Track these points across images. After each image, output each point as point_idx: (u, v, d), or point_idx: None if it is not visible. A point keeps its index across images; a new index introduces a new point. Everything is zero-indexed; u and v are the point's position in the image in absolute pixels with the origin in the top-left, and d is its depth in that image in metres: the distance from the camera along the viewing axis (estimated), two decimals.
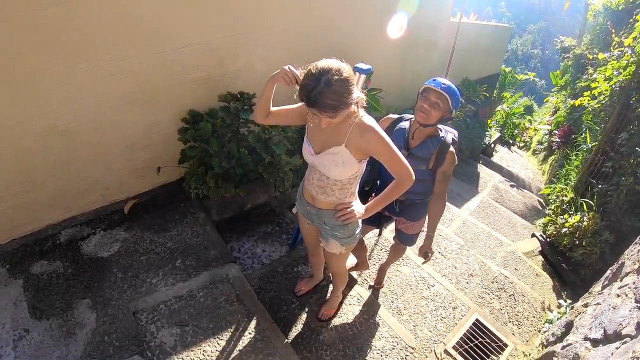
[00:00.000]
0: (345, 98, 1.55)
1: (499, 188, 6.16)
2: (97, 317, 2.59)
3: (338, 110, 1.55)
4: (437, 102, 2.14)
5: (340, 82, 1.51)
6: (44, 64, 2.55)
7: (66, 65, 2.64)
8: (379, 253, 3.54)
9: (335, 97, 1.51)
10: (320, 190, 1.96)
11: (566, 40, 9.70)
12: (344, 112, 1.61)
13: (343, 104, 1.55)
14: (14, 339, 2.45)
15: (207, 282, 2.78)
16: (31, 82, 2.56)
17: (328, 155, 1.82)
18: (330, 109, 1.53)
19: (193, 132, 2.97)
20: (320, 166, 1.87)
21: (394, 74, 5.41)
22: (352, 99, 1.58)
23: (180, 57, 3.09)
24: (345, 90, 1.53)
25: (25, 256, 2.99)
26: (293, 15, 3.68)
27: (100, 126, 3.00)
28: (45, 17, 2.42)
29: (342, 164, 1.80)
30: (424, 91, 2.20)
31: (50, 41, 2.51)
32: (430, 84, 2.16)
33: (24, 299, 2.70)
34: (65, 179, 3.06)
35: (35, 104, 2.66)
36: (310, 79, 1.52)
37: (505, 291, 3.55)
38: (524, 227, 5.17)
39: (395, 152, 1.74)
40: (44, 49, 2.51)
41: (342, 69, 1.55)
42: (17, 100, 2.57)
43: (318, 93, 1.50)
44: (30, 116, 2.67)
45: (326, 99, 1.51)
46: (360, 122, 1.72)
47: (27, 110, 2.64)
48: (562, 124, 7.73)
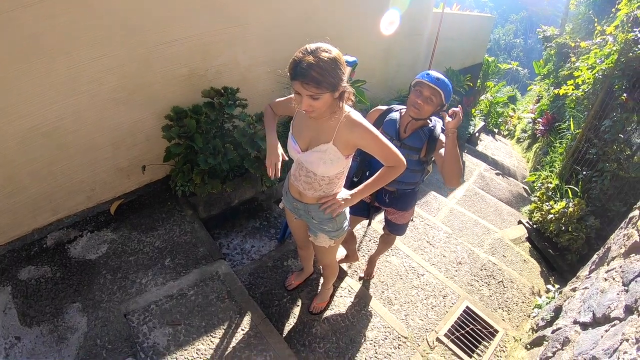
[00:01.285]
0: (331, 77, 1.53)
1: (485, 176, 6.22)
2: (89, 321, 2.56)
3: (321, 86, 1.52)
4: (430, 97, 2.15)
5: (329, 59, 1.51)
6: (22, 65, 2.51)
7: (45, 65, 2.59)
8: (368, 244, 3.55)
9: (321, 71, 1.50)
10: (307, 187, 1.95)
11: (548, 30, 9.78)
12: (327, 95, 1.57)
13: (328, 83, 1.52)
14: (5, 348, 2.41)
15: (197, 280, 2.76)
16: (10, 84, 2.52)
17: (315, 153, 1.80)
18: (314, 82, 1.50)
19: (177, 129, 2.94)
20: (307, 164, 1.86)
21: (378, 65, 5.42)
22: (338, 83, 1.57)
23: (161, 53, 3.05)
24: (332, 69, 1.52)
25: (12, 262, 2.93)
26: (275, 7, 3.65)
27: (83, 126, 2.95)
28: (20, 17, 2.37)
29: (329, 161, 1.79)
30: (416, 85, 2.21)
31: (28, 42, 2.47)
32: (423, 79, 2.16)
33: (13, 305, 2.65)
34: (49, 181, 3.02)
35: (16, 106, 2.61)
36: (301, 52, 1.53)
37: (494, 278, 3.59)
38: (510, 215, 5.23)
39: (385, 143, 1.74)
40: (21, 50, 2.46)
41: (333, 50, 1.55)
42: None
43: (305, 64, 1.49)
44: (12, 118, 2.62)
45: (312, 70, 1.49)
46: (348, 118, 1.71)
47: (7, 113, 2.59)
48: (545, 112, 7.81)
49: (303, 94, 1.55)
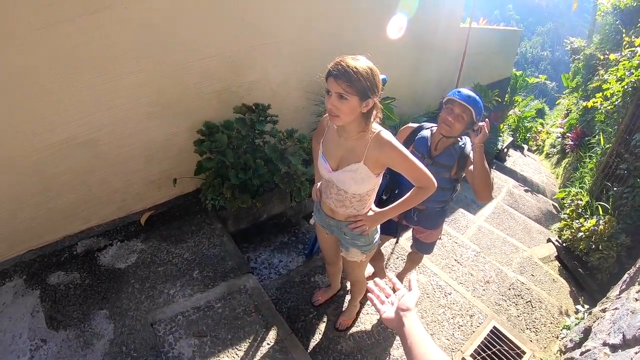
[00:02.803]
0: (364, 82, 1.54)
1: (513, 193, 6.12)
2: (115, 328, 2.59)
3: (352, 85, 1.53)
4: (461, 114, 2.15)
5: (367, 67, 1.55)
6: (61, 77, 2.59)
7: (83, 79, 2.68)
8: (396, 262, 3.52)
9: (357, 72, 1.52)
10: (339, 204, 1.96)
11: (576, 42, 9.63)
12: (354, 100, 1.58)
13: (359, 85, 1.54)
14: (30, 349, 2.46)
15: (224, 293, 2.78)
16: (50, 95, 2.60)
17: (346, 173, 1.81)
18: (347, 78, 1.53)
19: (209, 144, 2.99)
20: (338, 182, 1.87)
21: (406, 82, 5.40)
22: (369, 92, 1.58)
23: (195, 69, 3.12)
24: (366, 75, 1.54)
25: (43, 267, 3.00)
26: (304, 25, 3.70)
27: (118, 138, 3.03)
28: (61, 31, 2.46)
29: (360, 180, 1.80)
30: (447, 102, 2.21)
31: (67, 55, 2.55)
32: (454, 96, 2.16)
33: (41, 309, 2.71)
34: (83, 190, 3.09)
35: (54, 116, 2.69)
36: (342, 56, 1.59)
37: (522, 298, 3.51)
38: (539, 233, 5.12)
39: (414, 162, 1.73)
40: (61, 63, 2.55)
41: (371, 63, 1.60)
42: (36, 112, 2.61)
43: (343, 63, 1.54)
44: (49, 128, 2.71)
45: (347, 68, 1.53)
46: (378, 137, 1.71)
47: (46, 122, 2.68)
48: (574, 127, 7.66)
49: (333, 92, 1.58)
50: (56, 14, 2.41)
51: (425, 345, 0.97)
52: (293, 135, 3.26)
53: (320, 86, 3.92)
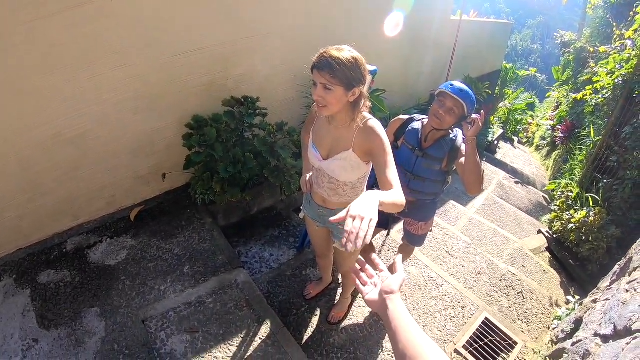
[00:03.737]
0: (348, 72, 1.54)
1: (504, 185, 6.15)
2: (107, 326, 2.58)
3: (336, 76, 1.53)
4: (452, 108, 2.14)
5: (350, 57, 1.54)
6: (46, 74, 2.55)
7: (68, 74, 2.64)
8: (387, 254, 3.53)
9: (339, 62, 1.52)
10: (332, 193, 1.96)
11: (566, 35, 9.67)
12: (339, 89, 1.57)
13: (343, 75, 1.54)
14: (22, 349, 2.44)
15: (216, 288, 2.77)
16: (35, 92, 2.56)
17: (337, 161, 1.82)
18: (330, 69, 1.52)
19: (198, 138, 2.96)
20: (329, 171, 1.87)
21: (397, 73, 5.39)
22: (354, 82, 1.57)
23: (182, 62, 3.09)
24: (350, 65, 1.53)
25: (32, 266, 2.97)
26: (294, 18, 3.67)
27: (105, 133, 2.99)
28: (43, 27, 2.42)
29: (350, 168, 1.81)
30: (439, 95, 2.20)
31: (51, 51, 2.51)
32: (447, 89, 2.15)
33: (32, 308, 2.68)
34: (71, 187, 3.06)
35: (40, 113, 2.65)
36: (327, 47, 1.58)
37: (513, 289, 3.53)
38: (530, 224, 5.15)
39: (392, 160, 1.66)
40: (45, 60, 2.51)
41: (356, 53, 1.59)
42: (21, 110, 2.57)
43: (327, 55, 1.54)
44: (35, 125, 2.67)
45: (330, 59, 1.53)
46: (366, 124, 1.72)
47: (31, 120, 2.64)
48: (564, 119, 7.71)
49: (318, 82, 1.58)
50: (40, 8, 2.36)
51: (410, 330, 0.95)
52: (283, 128, 3.24)
53: (308, 78, 3.89)
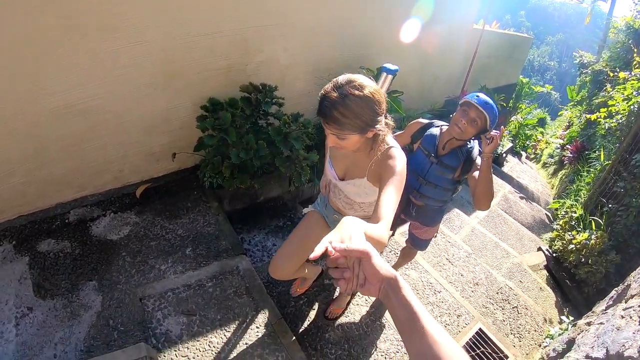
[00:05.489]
0: (358, 119, 1.36)
1: (509, 199, 6.13)
2: (103, 300, 2.58)
3: (344, 129, 1.37)
4: (475, 119, 2.13)
5: (359, 98, 1.34)
6: (63, 41, 2.53)
7: (85, 44, 2.61)
8: (389, 255, 3.52)
9: (345, 112, 1.34)
10: (347, 207, 1.93)
11: (585, 56, 9.62)
12: (354, 136, 1.42)
13: (353, 125, 1.37)
14: (16, 317, 2.44)
15: (216, 273, 2.76)
16: (47, 59, 2.54)
17: (351, 186, 1.77)
18: (336, 123, 1.36)
19: (212, 121, 2.95)
20: (345, 191, 1.83)
21: (415, 77, 5.36)
22: (369, 124, 1.40)
23: (202, 44, 3.06)
24: (360, 109, 1.35)
25: (33, 233, 2.97)
26: (317, 10, 3.64)
27: (118, 108, 2.97)
28: None
29: (364, 194, 1.75)
30: (464, 104, 2.19)
31: (73, 19, 2.48)
32: (472, 99, 2.13)
33: (29, 276, 2.68)
34: (78, 158, 3.04)
35: (52, 81, 2.62)
36: (329, 86, 1.39)
37: (509, 303, 3.53)
38: (530, 240, 5.14)
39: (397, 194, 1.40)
40: (61, 26, 2.48)
41: (367, 86, 1.37)
42: (35, 75, 2.55)
43: (329, 101, 1.35)
44: (47, 92, 2.64)
45: (335, 109, 1.34)
46: (388, 152, 1.54)
47: (44, 87, 2.61)
48: (575, 139, 7.68)
49: (327, 131, 1.45)
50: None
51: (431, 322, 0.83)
52: (298, 120, 3.22)
53: (329, 72, 3.87)
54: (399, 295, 0.85)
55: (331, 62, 3.95)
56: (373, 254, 0.89)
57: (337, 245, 0.89)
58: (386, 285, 0.87)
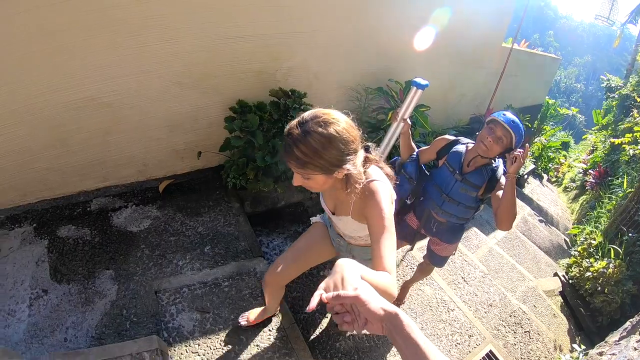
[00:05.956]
0: (322, 159, 1.26)
1: (528, 221, 6.05)
2: (118, 290, 2.61)
3: (306, 169, 1.28)
4: (501, 137, 2.12)
5: (322, 136, 1.24)
6: (91, 35, 2.59)
7: (114, 40, 2.68)
8: (404, 269, 3.50)
9: (307, 151, 1.24)
10: (346, 234, 1.87)
11: (613, 80, 9.47)
12: (318, 177, 1.33)
13: (316, 165, 1.27)
14: (30, 297, 2.49)
15: (233, 273, 2.78)
16: (76, 52, 2.61)
17: (341, 222, 1.73)
18: (297, 162, 1.27)
19: (240, 123, 2.98)
20: (337, 225, 1.81)
21: (441, 92, 5.33)
22: (334, 165, 1.30)
23: (232, 47, 3.11)
24: (322, 149, 1.25)
25: (54, 218, 3.03)
26: (349, 21, 3.67)
27: (144, 103, 3.04)
28: None
29: (354, 230, 1.71)
30: (490, 122, 2.18)
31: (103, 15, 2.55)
32: (499, 117, 2.13)
33: (47, 259, 2.73)
34: (102, 150, 3.11)
35: (79, 73, 2.70)
36: (295, 121, 1.31)
37: (521, 326, 3.48)
38: (547, 265, 5.06)
39: (386, 236, 1.29)
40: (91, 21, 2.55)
41: (335, 124, 1.26)
42: (60, 67, 2.62)
43: (292, 138, 1.27)
44: (72, 84, 2.72)
45: (295, 148, 1.26)
46: (367, 187, 1.41)
47: (69, 78, 2.69)
48: (598, 165, 7.55)
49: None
50: None
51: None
52: None
53: (357, 82, 3.89)
54: (403, 332, 0.85)
55: (359, 73, 3.98)
56: (366, 298, 0.88)
57: (329, 294, 0.88)
58: (388, 323, 0.87)
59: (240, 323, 2.46)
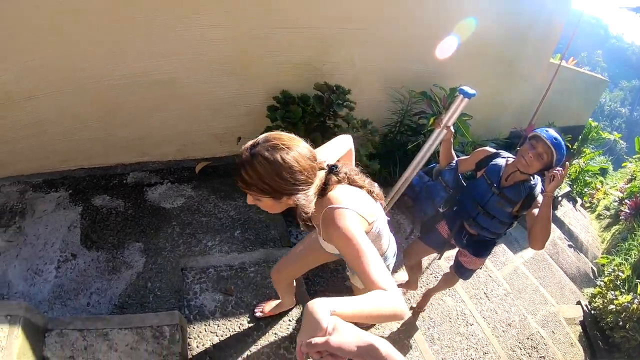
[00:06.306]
0: (265, 183, 1.22)
1: (557, 244, 5.91)
2: (146, 263, 2.68)
3: (251, 190, 1.26)
4: (542, 154, 2.08)
5: (266, 161, 1.20)
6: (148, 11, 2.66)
7: (171, 18, 2.74)
8: (428, 277, 3.47)
9: (252, 174, 1.21)
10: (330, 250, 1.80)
11: None
12: (266, 199, 1.29)
13: (260, 188, 1.24)
14: (59, 260, 2.58)
15: (260, 260, 2.79)
16: (133, 26, 2.69)
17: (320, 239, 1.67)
18: (242, 182, 1.25)
19: (282, 113, 3.01)
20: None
21: (484, 103, 5.16)
22: (280, 192, 1.25)
23: (284, 37, 3.15)
24: (266, 173, 1.20)
25: (90, 187, 3.12)
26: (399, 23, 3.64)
27: (191, 85, 3.10)
28: None
29: (333, 249, 1.64)
30: (532, 138, 2.14)
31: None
32: (542, 134, 2.09)
33: (79, 225, 2.83)
34: (146, 126, 3.20)
35: (133, 48, 2.78)
36: (250, 142, 1.28)
37: (537, 351, 3.42)
38: (571, 292, 4.95)
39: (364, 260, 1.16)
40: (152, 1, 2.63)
41: (283, 150, 1.22)
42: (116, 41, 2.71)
43: (241, 160, 1.24)
44: (126, 59, 2.80)
45: (242, 169, 1.23)
46: (325, 214, 1.32)
47: (123, 53, 2.77)
48: (635, 195, 7.31)
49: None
50: None
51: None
52: (367, 126, 3.24)
53: (402, 83, 3.87)
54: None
55: (405, 74, 3.95)
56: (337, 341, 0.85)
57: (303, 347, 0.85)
58: (367, 357, 0.87)
59: (256, 313, 2.48)
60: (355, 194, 1.45)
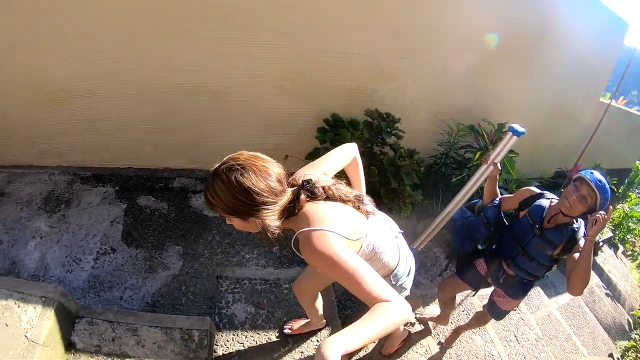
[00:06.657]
0: (224, 204, 1.22)
1: (594, 292, 5.70)
2: (183, 266, 2.75)
3: (216, 210, 1.26)
4: (586, 196, 2.04)
5: (222, 184, 1.20)
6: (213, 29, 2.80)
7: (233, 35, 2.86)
8: (459, 314, 3.42)
9: (213, 195, 1.23)
10: None
11: None
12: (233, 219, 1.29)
13: (222, 208, 1.24)
14: (98, 252, 2.69)
15: (295, 277, 2.77)
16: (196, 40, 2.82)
17: None
18: (208, 203, 1.26)
19: (332, 135, 3.06)
20: None
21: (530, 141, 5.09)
22: (241, 213, 1.23)
23: (340, 61, 3.20)
24: (223, 195, 1.20)
25: (137, 186, 3.24)
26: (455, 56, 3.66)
27: (245, 99, 3.19)
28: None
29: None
30: (576, 180, 2.11)
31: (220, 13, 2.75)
32: (586, 176, 2.06)
33: (122, 222, 2.94)
34: (198, 134, 3.30)
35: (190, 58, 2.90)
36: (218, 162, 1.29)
37: None
38: (604, 343, 4.74)
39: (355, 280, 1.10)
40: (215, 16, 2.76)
41: (237, 171, 1.19)
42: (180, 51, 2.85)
43: (210, 179, 1.25)
44: (191, 69, 2.93)
45: (206, 189, 1.25)
46: (300, 238, 1.27)
47: (185, 62, 2.89)
48: None
49: None
50: None
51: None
52: (413, 156, 3.27)
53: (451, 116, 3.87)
54: None
55: (454, 107, 3.95)
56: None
57: None
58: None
59: (284, 330, 2.49)
60: (334, 211, 1.35)
